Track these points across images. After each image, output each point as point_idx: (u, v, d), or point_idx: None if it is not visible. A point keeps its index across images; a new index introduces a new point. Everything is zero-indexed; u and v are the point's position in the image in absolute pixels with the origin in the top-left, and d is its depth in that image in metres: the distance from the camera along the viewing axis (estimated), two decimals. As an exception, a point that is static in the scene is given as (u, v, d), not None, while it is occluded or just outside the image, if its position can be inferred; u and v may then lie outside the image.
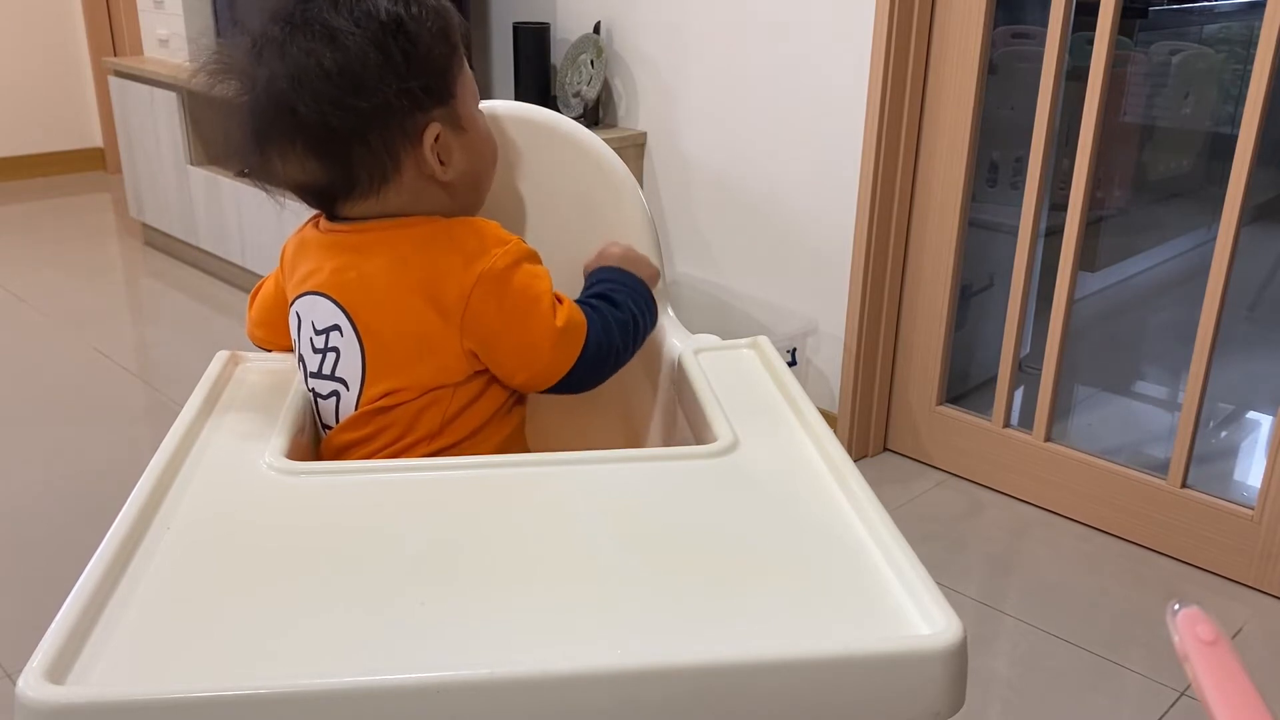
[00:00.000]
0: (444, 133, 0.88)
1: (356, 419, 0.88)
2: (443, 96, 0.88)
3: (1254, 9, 2.85)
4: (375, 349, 0.87)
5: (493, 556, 0.67)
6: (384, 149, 0.86)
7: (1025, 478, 1.99)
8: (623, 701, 0.57)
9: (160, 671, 0.57)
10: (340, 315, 0.87)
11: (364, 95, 0.83)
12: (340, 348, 0.88)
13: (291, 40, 0.83)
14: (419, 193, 0.89)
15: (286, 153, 0.86)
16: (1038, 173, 1.84)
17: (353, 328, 0.87)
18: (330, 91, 0.82)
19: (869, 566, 0.66)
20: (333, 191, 0.88)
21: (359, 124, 0.84)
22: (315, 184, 0.88)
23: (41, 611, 0.62)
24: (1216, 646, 0.46)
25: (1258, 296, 2.89)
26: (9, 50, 4.07)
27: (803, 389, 0.89)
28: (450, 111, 0.89)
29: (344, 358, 0.88)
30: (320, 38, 0.82)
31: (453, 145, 0.89)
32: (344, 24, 0.83)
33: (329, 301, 0.88)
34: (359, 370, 0.87)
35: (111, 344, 2.70)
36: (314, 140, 0.85)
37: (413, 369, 0.87)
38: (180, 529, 0.69)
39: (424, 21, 0.85)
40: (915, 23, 1.87)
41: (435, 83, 0.87)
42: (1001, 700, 1.50)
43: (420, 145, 0.87)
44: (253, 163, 0.88)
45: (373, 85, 0.83)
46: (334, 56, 0.82)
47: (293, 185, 0.89)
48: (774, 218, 2.17)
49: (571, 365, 0.89)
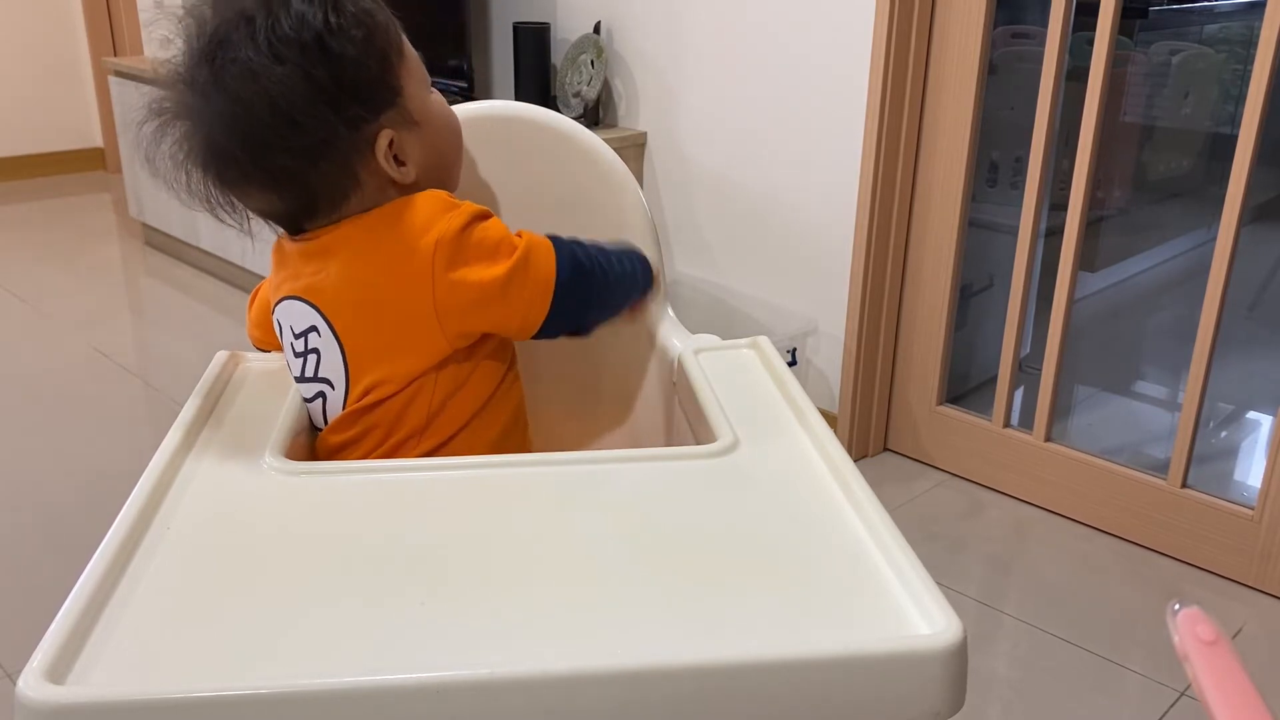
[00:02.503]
0: (397, 135, 0.85)
1: (344, 420, 0.88)
2: (386, 101, 0.85)
3: (1254, 9, 2.85)
4: (353, 345, 0.86)
5: (493, 556, 0.67)
6: (338, 171, 0.84)
7: (1025, 478, 1.99)
8: (623, 701, 0.57)
9: (160, 671, 0.57)
10: (316, 316, 0.87)
11: (302, 131, 0.80)
12: (320, 349, 0.88)
13: (217, 85, 0.80)
14: (381, 197, 0.87)
15: (243, 193, 0.86)
16: (1038, 173, 1.84)
17: (329, 327, 0.87)
18: (267, 135, 0.80)
19: (869, 566, 0.66)
20: (295, 216, 0.88)
21: (305, 159, 0.82)
22: (276, 212, 0.89)
23: (41, 611, 0.62)
24: (1216, 646, 0.46)
25: (1258, 296, 2.89)
26: (9, 50, 4.07)
27: (803, 389, 0.89)
28: (399, 112, 0.85)
29: (325, 358, 0.88)
30: (244, 78, 0.79)
31: (408, 142, 0.87)
32: (263, 61, 0.79)
33: (304, 304, 0.88)
34: (341, 369, 0.87)
35: (111, 344, 2.70)
36: (266, 180, 0.84)
37: (392, 359, 0.86)
38: (180, 529, 0.69)
39: (347, 32, 0.81)
40: (915, 23, 1.87)
41: (375, 92, 0.84)
42: (1001, 700, 1.50)
43: (374, 156, 0.85)
44: (212, 204, 0.87)
45: (308, 119, 0.80)
46: (262, 98, 0.79)
47: (257, 213, 0.89)
48: (774, 218, 2.17)
49: (551, 296, 0.85)
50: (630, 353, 1.08)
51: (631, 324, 1.04)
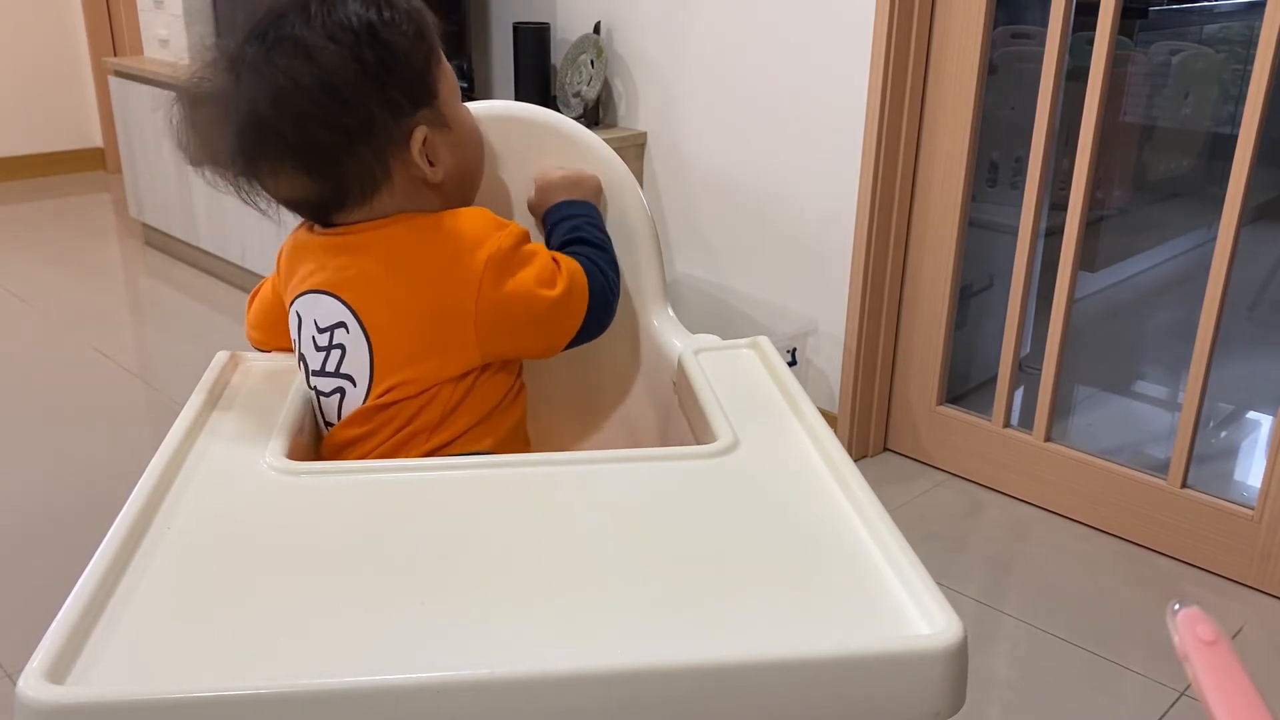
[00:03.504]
0: (431, 134, 0.88)
1: (360, 414, 0.88)
2: (426, 98, 0.88)
3: (1254, 9, 2.85)
4: (382, 344, 0.87)
5: (493, 556, 0.67)
6: (373, 159, 0.86)
7: (1025, 478, 1.99)
8: (623, 701, 0.57)
9: (160, 671, 0.57)
10: (346, 312, 0.87)
11: (347, 109, 0.83)
12: (346, 344, 0.88)
13: (268, 60, 0.82)
14: (410, 194, 0.89)
15: (276, 172, 0.87)
16: (1038, 173, 1.84)
17: (359, 324, 0.87)
18: (313, 110, 0.82)
19: (869, 566, 0.66)
20: (324, 204, 0.89)
21: (346, 138, 0.84)
22: (307, 198, 0.89)
23: (41, 611, 0.62)
24: (1216, 646, 0.46)
25: (1258, 296, 2.89)
26: (9, 50, 4.07)
27: (803, 389, 0.89)
28: (434, 112, 0.88)
29: (350, 354, 0.88)
30: (296, 55, 0.82)
31: (440, 145, 0.89)
32: (318, 39, 0.82)
33: (333, 299, 0.88)
34: (367, 366, 0.87)
35: (111, 344, 2.70)
36: (303, 158, 0.85)
37: (420, 363, 0.87)
38: (180, 529, 0.69)
39: (398, 26, 0.85)
40: (915, 23, 1.87)
41: (417, 86, 0.87)
42: (1001, 700, 1.50)
43: (408, 150, 0.87)
44: (242, 183, 0.88)
45: (355, 98, 0.83)
46: (313, 73, 0.81)
47: (284, 200, 0.90)
48: (774, 218, 2.17)
49: (582, 320, 0.91)
50: (630, 353, 1.08)
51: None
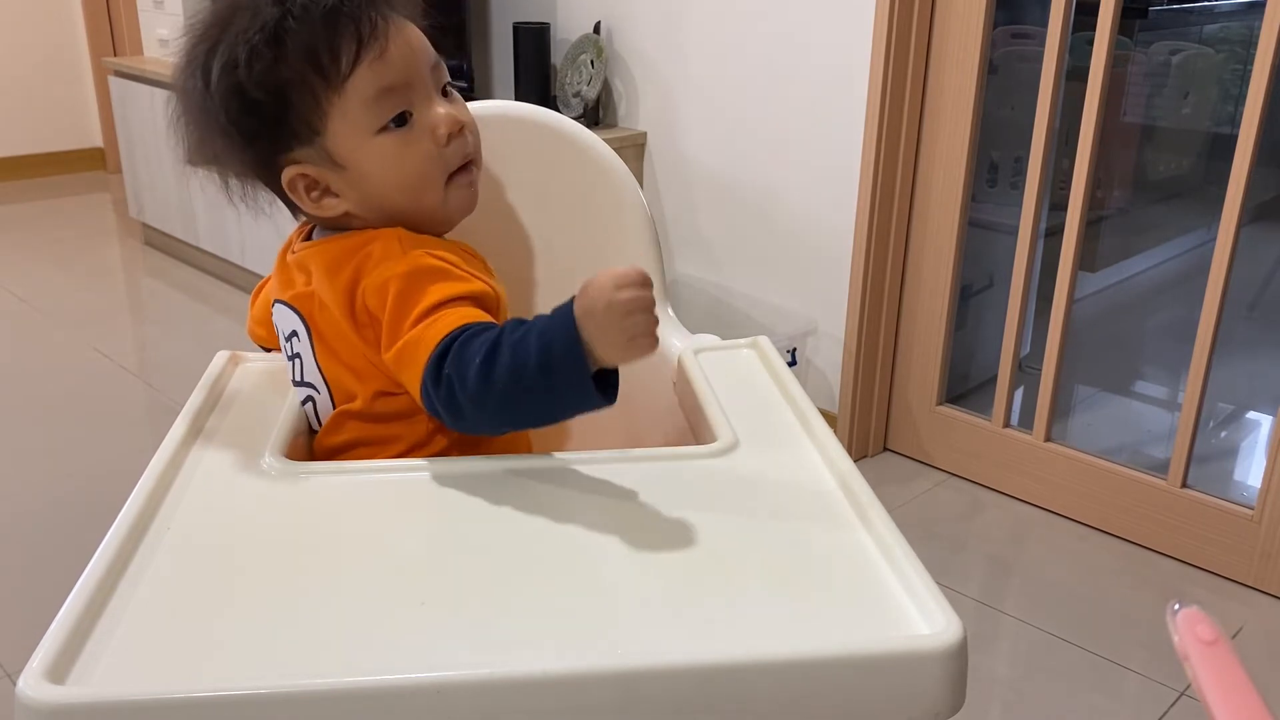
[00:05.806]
0: (314, 172, 0.84)
1: (334, 422, 0.87)
2: (290, 143, 0.83)
3: (1254, 9, 2.85)
4: (324, 353, 0.86)
5: (492, 556, 0.67)
6: (273, 191, 0.88)
7: (1025, 478, 1.99)
8: (623, 701, 0.57)
9: (160, 671, 0.57)
10: (299, 322, 0.87)
11: (216, 160, 0.87)
12: (301, 354, 0.88)
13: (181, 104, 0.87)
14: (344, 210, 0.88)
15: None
16: (1038, 173, 1.84)
17: (308, 333, 0.87)
18: (202, 157, 0.88)
19: (869, 567, 0.66)
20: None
21: (239, 175, 0.88)
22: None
23: (41, 611, 0.62)
24: (1216, 646, 0.46)
25: (1258, 296, 2.89)
26: (9, 50, 4.07)
27: (803, 389, 0.89)
28: (316, 151, 0.83)
29: (304, 364, 0.88)
30: (188, 96, 0.86)
31: (333, 181, 0.84)
32: (192, 89, 0.85)
33: (288, 309, 0.88)
34: (319, 375, 0.87)
35: (111, 344, 2.70)
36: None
37: (359, 377, 0.85)
38: (180, 529, 0.69)
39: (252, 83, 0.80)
40: (915, 23, 1.87)
41: (276, 130, 0.82)
42: (1001, 700, 1.50)
43: (290, 189, 0.85)
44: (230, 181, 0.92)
45: (218, 148, 0.85)
46: (190, 125, 0.86)
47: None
48: (774, 218, 2.17)
49: (421, 373, 0.77)
50: (630, 353, 1.08)
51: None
